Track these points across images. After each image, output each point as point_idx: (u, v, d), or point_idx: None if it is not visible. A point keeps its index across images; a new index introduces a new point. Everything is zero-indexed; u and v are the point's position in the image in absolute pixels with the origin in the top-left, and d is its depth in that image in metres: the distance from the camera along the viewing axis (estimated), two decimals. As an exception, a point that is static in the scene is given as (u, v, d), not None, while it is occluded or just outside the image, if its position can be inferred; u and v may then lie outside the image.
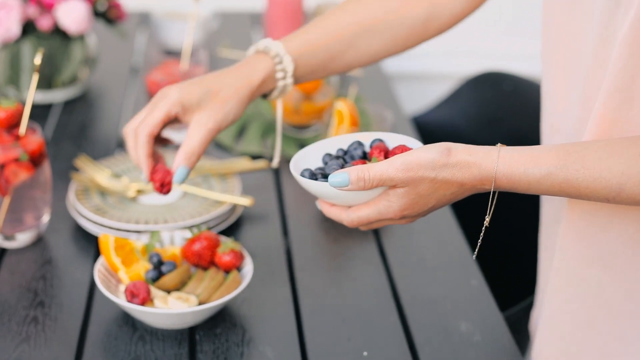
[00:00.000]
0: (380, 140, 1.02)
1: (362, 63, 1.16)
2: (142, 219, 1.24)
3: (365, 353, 1.06)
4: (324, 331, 1.09)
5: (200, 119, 1.07)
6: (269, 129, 1.59)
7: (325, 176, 0.98)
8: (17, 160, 1.17)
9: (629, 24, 0.86)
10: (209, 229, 1.21)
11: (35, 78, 1.18)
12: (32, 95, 1.19)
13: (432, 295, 1.17)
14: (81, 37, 1.63)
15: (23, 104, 1.23)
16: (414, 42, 1.16)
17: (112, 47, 1.93)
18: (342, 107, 1.36)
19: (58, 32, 1.61)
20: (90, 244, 1.24)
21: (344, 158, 1.01)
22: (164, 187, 1.10)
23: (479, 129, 1.72)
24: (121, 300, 1.04)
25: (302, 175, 0.98)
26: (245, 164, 1.38)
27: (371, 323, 1.11)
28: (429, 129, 1.77)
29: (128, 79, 1.82)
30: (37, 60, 1.18)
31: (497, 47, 2.21)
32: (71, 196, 1.28)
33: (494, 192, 0.92)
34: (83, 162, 1.33)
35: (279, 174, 1.46)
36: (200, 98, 1.07)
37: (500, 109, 1.72)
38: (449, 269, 1.23)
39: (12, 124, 1.20)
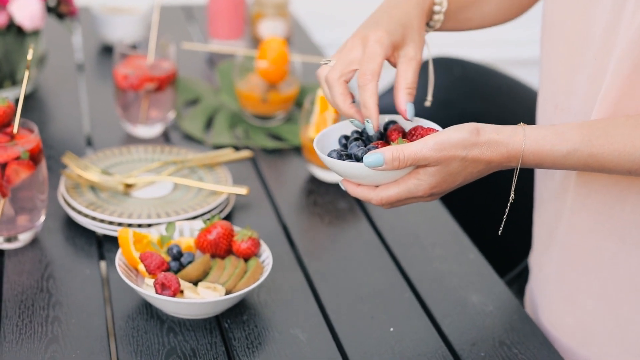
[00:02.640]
0: (395, 122, 1.05)
1: (484, 23, 1.17)
2: (143, 212, 1.23)
3: (391, 329, 1.09)
4: (346, 311, 1.12)
5: (407, 54, 1.01)
6: (235, 120, 1.60)
7: (349, 156, 1.00)
8: (17, 158, 1.14)
9: None
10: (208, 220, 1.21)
11: (26, 75, 1.16)
12: (24, 92, 1.16)
13: (437, 270, 1.21)
14: (36, 33, 1.59)
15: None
16: (516, 14, 1.19)
17: (51, 43, 1.87)
18: (325, 94, 1.39)
19: (12, 29, 1.56)
20: (89, 240, 1.22)
21: (362, 139, 1.03)
22: (157, 270, 1.08)
23: (432, 112, 1.77)
24: (152, 293, 1.04)
25: (330, 155, 1.00)
26: (230, 154, 1.39)
27: (388, 300, 1.14)
28: (382, 113, 1.81)
29: (77, 75, 1.78)
30: (29, 55, 1.15)
31: (444, 36, 2.27)
32: (64, 193, 1.25)
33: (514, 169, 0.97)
34: (69, 159, 1.30)
35: (258, 163, 1.47)
36: (402, 34, 1.01)
37: (451, 92, 1.77)
38: (444, 245, 1.28)
39: (4, 123, 1.17)
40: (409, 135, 1.02)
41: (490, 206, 1.64)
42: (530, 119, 1.21)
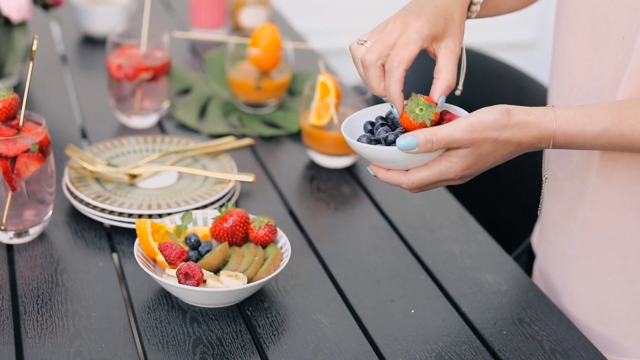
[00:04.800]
0: None
1: (509, 9, 1.17)
2: (154, 203, 1.21)
3: (412, 311, 1.10)
4: (365, 295, 1.12)
5: (447, 46, 1.00)
6: (229, 108, 1.58)
7: (378, 141, 1.00)
8: (27, 151, 1.11)
9: None
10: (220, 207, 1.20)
11: (31, 65, 1.14)
12: (29, 84, 1.14)
13: (448, 252, 1.22)
14: (23, 25, 1.56)
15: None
16: None
17: (32, 35, 1.84)
18: (327, 79, 1.39)
19: (-2, 21, 1.53)
20: (97, 232, 1.20)
21: (388, 124, 1.03)
22: (177, 260, 1.07)
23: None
24: (176, 284, 1.03)
25: (360, 141, 0.99)
26: (232, 142, 1.38)
27: (405, 282, 1.15)
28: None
29: (61, 66, 1.75)
30: (34, 46, 1.13)
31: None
32: (70, 185, 1.23)
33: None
34: (72, 151, 1.28)
35: (257, 150, 1.46)
36: (444, 26, 1.00)
37: (438, 76, 1.78)
38: (452, 226, 1.28)
39: (9, 115, 1.15)
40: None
41: (481, 192, 1.66)
42: (520, 103, 1.22)
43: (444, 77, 0.98)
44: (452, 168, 0.96)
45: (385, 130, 1.00)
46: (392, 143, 0.97)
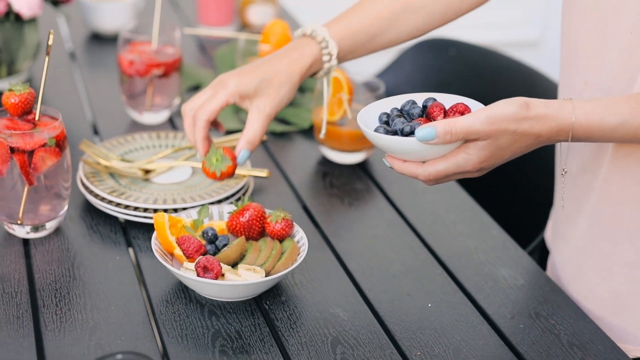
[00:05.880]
0: (434, 99, 1.05)
1: (401, 40, 1.22)
2: (169, 198, 1.22)
3: (429, 305, 1.10)
4: (382, 289, 1.12)
5: (258, 106, 1.14)
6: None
7: (395, 132, 1.00)
8: (44, 145, 1.11)
9: None
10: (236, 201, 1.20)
11: (47, 60, 1.14)
12: (45, 78, 1.14)
13: (463, 247, 1.22)
14: (33, 21, 1.56)
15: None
16: (451, 17, 1.22)
17: (41, 32, 1.84)
18: (339, 75, 1.39)
19: (10, 17, 1.52)
20: (113, 227, 1.20)
21: (404, 116, 1.04)
22: (195, 254, 1.08)
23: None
24: (195, 277, 1.03)
25: (377, 131, 0.99)
26: (245, 138, 1.38)
27: (421, 277, 1.15)
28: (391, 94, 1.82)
29: (70, 63, 1.75)
30: (50, 41, 1.13)
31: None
32: (85, 180, 1.23)
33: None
34: (86, 147, 1.28)
35: (269, 146, 1.46)
36: (256, 86, 1.14)
37: (446, 74, 1.79)
38: (466, 222, 1.29)
39: (26, 110, 1.15)
40: (449, 112, 1.02)
41: (492, 188, 1.66)
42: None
43: (246, 133, 1.14)
44: (470, 160, 0.97)
45: (402, 121, 1.00)
46: (408, 134, 0.97)
